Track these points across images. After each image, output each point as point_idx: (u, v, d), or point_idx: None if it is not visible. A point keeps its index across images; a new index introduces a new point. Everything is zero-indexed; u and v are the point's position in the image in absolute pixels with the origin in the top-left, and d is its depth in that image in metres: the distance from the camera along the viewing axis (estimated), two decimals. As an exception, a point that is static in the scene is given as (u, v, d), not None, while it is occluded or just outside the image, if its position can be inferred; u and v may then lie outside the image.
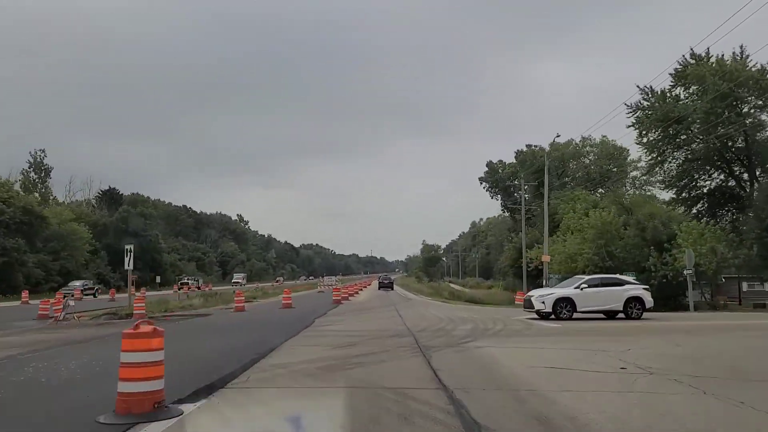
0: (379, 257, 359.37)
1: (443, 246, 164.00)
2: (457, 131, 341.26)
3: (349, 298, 42.30)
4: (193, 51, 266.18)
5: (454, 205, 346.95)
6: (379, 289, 74.36)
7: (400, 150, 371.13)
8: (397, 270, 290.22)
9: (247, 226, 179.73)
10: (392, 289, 75.55)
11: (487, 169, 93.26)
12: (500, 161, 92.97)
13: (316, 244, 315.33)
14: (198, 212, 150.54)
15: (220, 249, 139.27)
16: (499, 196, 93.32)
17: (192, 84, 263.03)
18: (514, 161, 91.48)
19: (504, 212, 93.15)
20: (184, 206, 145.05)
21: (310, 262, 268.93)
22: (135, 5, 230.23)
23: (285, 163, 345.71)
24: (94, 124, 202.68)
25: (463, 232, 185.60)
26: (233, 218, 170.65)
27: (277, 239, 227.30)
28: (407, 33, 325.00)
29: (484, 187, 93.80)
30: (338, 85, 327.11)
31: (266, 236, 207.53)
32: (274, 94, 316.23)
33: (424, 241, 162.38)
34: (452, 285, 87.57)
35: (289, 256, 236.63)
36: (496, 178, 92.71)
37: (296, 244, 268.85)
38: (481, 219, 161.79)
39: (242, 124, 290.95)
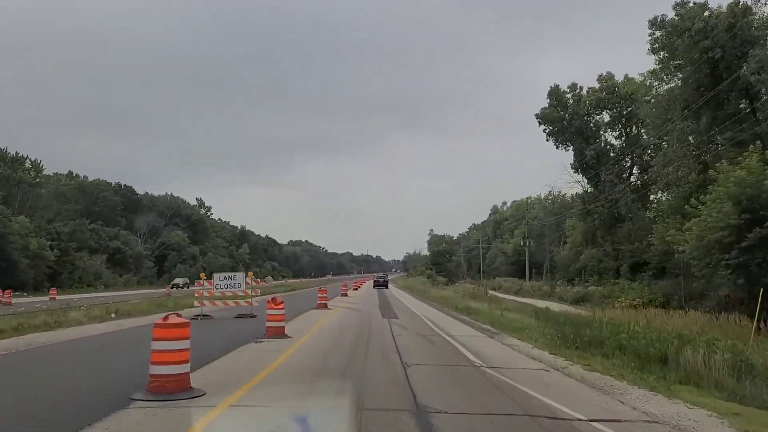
0: (375, 256, 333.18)
1: (453, 237, 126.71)
2: (456, 129, 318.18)
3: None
4: (191, 50, 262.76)
5: (455, 203, 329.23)
6: (374, 287, 68.18)
7: (398, 148, 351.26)
8: (394, 270, 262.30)
9: (208, 214, 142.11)
10: (387, 287, 68.32)
11: (549, 100, 56.26)
12: (573, 85, 55.90)
13: (306, 241, 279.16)
14: (137, 192, 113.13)
15: (160, 239, 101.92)
16: (568, 144, 56.31)
17: (188, 82, 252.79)
18: (597, 85, 54.65)
19: (577, 173, 56.47)
20: (118, 184, 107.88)
21: (297, 260, 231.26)
22: (129, 3, 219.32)
23: (279, 161, 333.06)
24: (89, 122, 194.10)
25: (474, 225, 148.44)
26: (190, 203, 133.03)
27: (256, 232, 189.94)
28: (407, 31, 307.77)
29: (544, 131, 56.72)
30: (334, 83, 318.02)
31: (239, 228, 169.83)
32: (270, 92, 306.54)
33: (431, 231, 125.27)
34: (496, 293, 50.30)
35: (270, 253, 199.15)
36: (564, 117, 55.63)
37: (284, 241, 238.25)
38: (505, 203, 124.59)
39: (238, 121, 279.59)
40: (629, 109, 51.41)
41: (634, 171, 53.43)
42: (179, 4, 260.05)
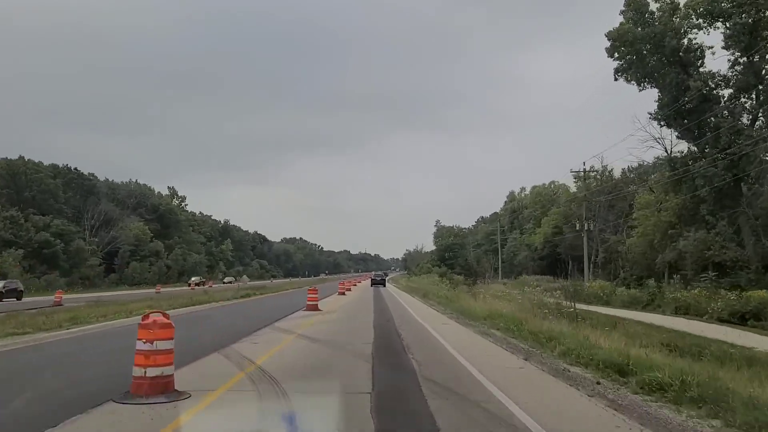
0: (373, 254, 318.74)
1: (464, 228, 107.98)
2: (456, 126, 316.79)
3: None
4: (183, 48, 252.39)
5: (458, 200, 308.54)
6: (371, 285, 64.50)
7: (397, 146, 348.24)
8: (393, 268, 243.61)
9: (183, 205, 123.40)
10: (384, 285, 65.43)
11: (625, 12, 38.02)
12: (664, -12, 37.45)
13: (300, 238, 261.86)
14: (93, 177, 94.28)
15: (112, 232, 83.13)
16: (650, 80, 38.17)
17: (180, 79, 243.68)
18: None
19: (661, 125, 38.04)
20: (67, 167, 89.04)
21: (289, 259, 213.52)
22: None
23: (275, 160, 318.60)
24: (81, 120, 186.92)
25: (482, 218, 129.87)
26: (160, 192, 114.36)
27: (243, 228, 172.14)
28: (405, 28, 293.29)
29: (616, 60, 38.57)
30: (331, 80, 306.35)
31: (222, 222, 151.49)
32: (267, 92, 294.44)
33: (437, 222, 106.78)
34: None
35: (258, 250, 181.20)
36: (649, 37, 37.38)
37: (277, 239, 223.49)
38: (523, 189, 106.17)
39: (235, 120, 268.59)
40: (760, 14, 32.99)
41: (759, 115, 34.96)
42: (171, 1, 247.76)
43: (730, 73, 35.25)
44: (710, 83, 35.19)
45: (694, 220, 36.13)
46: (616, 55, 38.50)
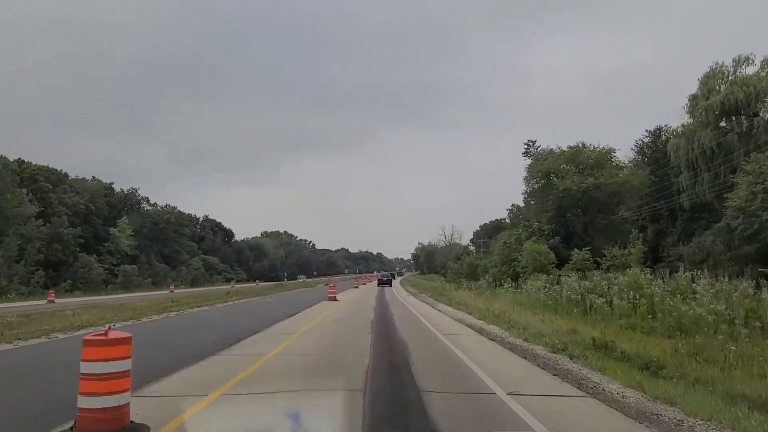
0: (375, 253, 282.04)
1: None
2: (457, 123, 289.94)
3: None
4: (183, 47, 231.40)
5: (463, 201, 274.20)
6: (378, 285, 63.74)
7: (398, 145, 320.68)
8: (398, 268, 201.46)
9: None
10: (390, 285, 63.49)
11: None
12: None
13: (285, 232, 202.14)
14: None
15: None
16: None
17: (175, 78, 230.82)
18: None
19: None
20: None
21: (263, 257, 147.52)
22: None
23: (276, 159, 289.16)
24: (74, 120, 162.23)
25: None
26: None
27: (181, 209, 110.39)
28: (405, 27, 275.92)
29: None
30: (327, 79, 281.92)
31: (122, 192, 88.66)
32: (263, 90, 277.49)
33: (530, 144, 43.78)
34: None
35: (208, 243, 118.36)
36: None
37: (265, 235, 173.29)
38: (749, 59, 41.42)
39: (230, 120, 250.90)
40: None
41: None
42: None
43: None
44: None
45: None
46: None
